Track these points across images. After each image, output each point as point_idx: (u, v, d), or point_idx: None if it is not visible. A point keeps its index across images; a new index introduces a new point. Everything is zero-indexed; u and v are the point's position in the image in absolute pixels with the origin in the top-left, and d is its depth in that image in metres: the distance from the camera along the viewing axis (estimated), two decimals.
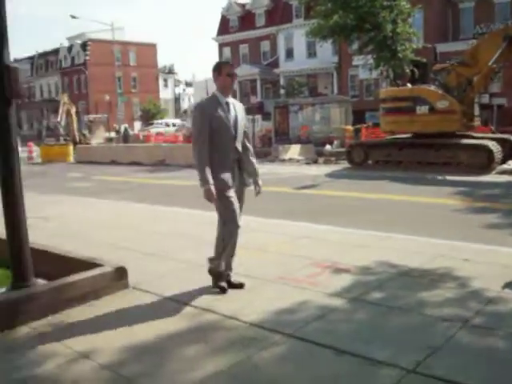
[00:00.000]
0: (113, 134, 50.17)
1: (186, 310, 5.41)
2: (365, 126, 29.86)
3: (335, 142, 28.65)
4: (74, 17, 47.55)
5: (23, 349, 4.68)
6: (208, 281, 6.06)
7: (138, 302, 5.72)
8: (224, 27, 60.06)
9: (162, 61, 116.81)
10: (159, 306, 5.58)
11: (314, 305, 5.39)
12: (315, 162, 25.11)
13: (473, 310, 5.16)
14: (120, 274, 6.08)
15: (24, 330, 5.06)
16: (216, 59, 60.89)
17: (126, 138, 42.55)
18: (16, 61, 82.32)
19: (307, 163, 24.72)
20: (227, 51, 60.07)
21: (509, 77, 35.68)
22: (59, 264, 6.53)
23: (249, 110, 38.13)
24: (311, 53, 50.85)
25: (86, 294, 5.70)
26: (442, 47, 39.60)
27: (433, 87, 20.72)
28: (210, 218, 10.94)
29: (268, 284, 6.16)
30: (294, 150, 27.18)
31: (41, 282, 5.97)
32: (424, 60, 30.66)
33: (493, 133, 23.00)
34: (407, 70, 27.85)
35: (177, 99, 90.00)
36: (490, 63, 18.90)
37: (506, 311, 5.16)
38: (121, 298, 5.84)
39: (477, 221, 10.38)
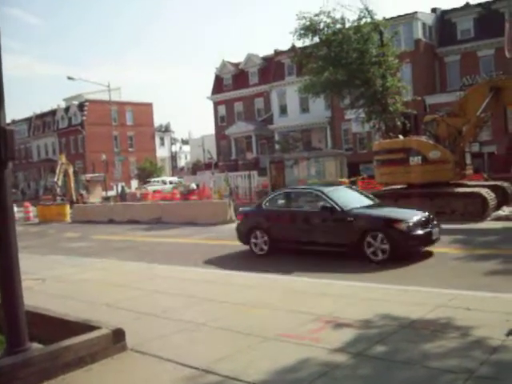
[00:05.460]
0: (110, 193, 50.26)
1: (187, 372, 5.27)
2: (360, 178, 29.99)
3: None
4: (70, 78, 47.86)
5: None
6: (208, 339, 5.93)
7: (137, 365, 5.59)
8: (218, 86, 60.92)
9: (159, 120, 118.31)
10: (159, 369, 5.45)
11: (318, 361, 5.28)
12: None
13: (478, 360, 5.06)
14: (117, 336, 5.94)
15: None
16: (212, 117, 61.71)
17: (123, 196, 42.68)
18: (13, 122, 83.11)
19: None
20: (222, 109, 60.82)
21: (497, 125, 36.33)
22: (55, 327, 6.40)
23: (245, 166, 38.13)
24: (304, 108, 51.48)
25: (82, 357, 5.55)
26: (430, 99, 40.61)
27: (424, 138, 20.93)
28: (205, 274, 11.00)
29: (269, 342, 6.04)
30: None
31: (36, 346, 5.83)
32: (414, 112, 31.10)
33: (485, 180, 23.16)
34: (398, 123, 28.23)
35: (173, 157, 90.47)
36: (477, 113, 19.24)
37: None
38: (119, 361, 5.70)
39: (479, 268, 10.29)
